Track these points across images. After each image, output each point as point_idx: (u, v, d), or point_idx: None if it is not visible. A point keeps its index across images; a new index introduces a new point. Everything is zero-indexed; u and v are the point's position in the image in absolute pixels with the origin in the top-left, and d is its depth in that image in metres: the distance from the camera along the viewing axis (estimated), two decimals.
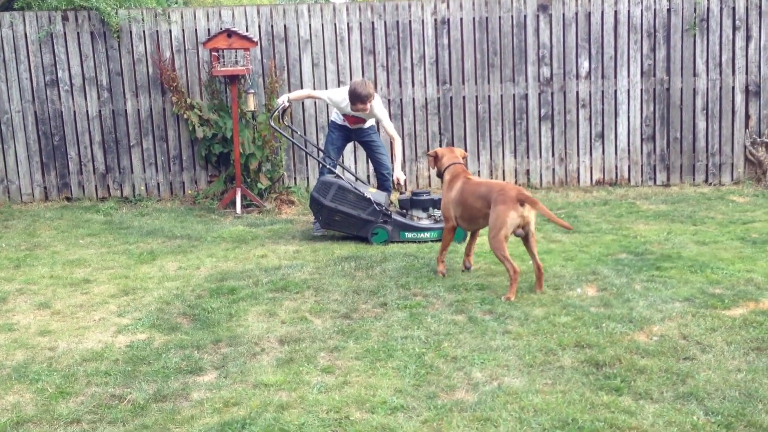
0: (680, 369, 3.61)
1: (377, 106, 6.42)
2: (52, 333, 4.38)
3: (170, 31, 8.27)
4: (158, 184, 8.49)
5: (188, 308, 4.71)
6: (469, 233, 5.50)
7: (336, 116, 6.80)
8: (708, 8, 8.31)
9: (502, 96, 8.45)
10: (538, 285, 4.87)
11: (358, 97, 6.18)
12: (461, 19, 8.35)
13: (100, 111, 8.37)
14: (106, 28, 8.21)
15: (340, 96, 6.50)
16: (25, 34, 8.21)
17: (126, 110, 8.37)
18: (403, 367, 3.74)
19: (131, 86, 8.34)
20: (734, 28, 8.35)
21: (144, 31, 8.25)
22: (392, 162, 6.69)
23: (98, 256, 6.12)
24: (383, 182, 6.83)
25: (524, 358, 3.80)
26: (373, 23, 8.34)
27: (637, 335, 4.05)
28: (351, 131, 6.78)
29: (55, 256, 6.15)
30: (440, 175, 5.52)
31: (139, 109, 8.37)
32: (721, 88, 8.42)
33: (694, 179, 8.55)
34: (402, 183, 6.56)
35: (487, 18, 8.35)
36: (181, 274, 5.50)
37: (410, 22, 8.35)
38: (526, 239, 4.90)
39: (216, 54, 7.62)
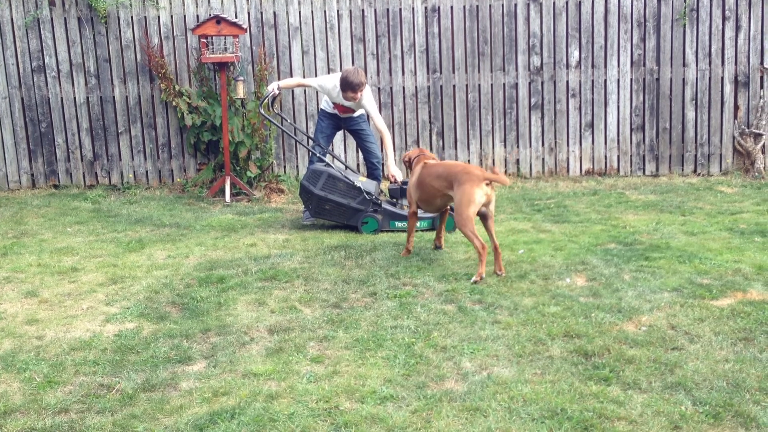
0: (668, 359, 3.63)
1: (367, 97, 6.35)
2: (39, 322, 4.35)
3: (158, 17, 8.18)
4: (147, 171, 8.43)
5: (177, 297, 4.69)
6: (447, 220, 5.70)
7: (326, 104, 6.76)
8: None
9: (492, 85, 8.44)
10: (497, 266, 5.00)
11: (349, 85, 6.13)
12: (451, 7, 8.31)
13: (87, 98, 8.29)
14: (93, 13, 8.12)
15: (330, 83, 6.45)
16: (12, 20, 8.10)
17: (114, 97, 8.29)
18: (392, 357, 3.74)
19: (119, 73, 8.26)
20: (724, 18, 8.36)
21: (132, 17, 8.17)
22: (385, 158, 6.49)
23: (86, 244, 6.07)
24: (373, 171, 6.81)
25: (513, 348, 3.81)
26: (363, 11, 8.29)
27: (626, 325, 4.07)
28: (341, 119, 6.75)
29: (43, 244, 6.10)
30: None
31: (127, 96, 8.30)
32: (710, 79, 8.44)
33: (682, 169, 8.59)
34: (398, 180, 6.30)
35: (477, 6, 8.32)
36: (169, 263, 5.48)
37: (400, 10, 8.31)
38: (485, 219, 5.08)
39: (205, 41, 7.55)
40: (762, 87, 8.43)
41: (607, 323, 4.09)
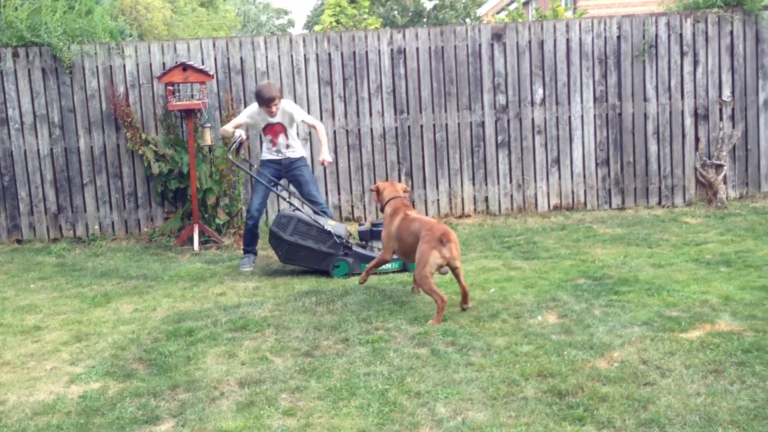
0: (641, 395, 3.62)
1: (288, 104, 6.63)
2: (1, 386, 4.21)
3: (124, 65, 8.17)
4: (113, 222, 8.32)
5: (144, 353, 4.59)
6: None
7: (265, 151, 6.78)
8: (656, 35, 8.54)
9: (459, 124, 8.53)
10: (463, 301, 5.09)
11: (263, 100, 6.41)
12: (417, 48, 8.43)
13: (51, 149, 8.20)
14: (58, 63, 8.09)
15: (255, 107, 6.67)
16: None
17: (79, 147, 8.22)
18: (366, 405, 3.68)
19: (84, 123, 8.20)
20: (682, 54, 8.58)
21: (97, 66, 8.14)
22: (319, 146, 6.72)
23: (50, 300, 5.94)
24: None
25: (488, 391, 3.78)
26: (329, 54, 8.37)
27: (598, 362, 4.06)
28: (281, 166, 6.73)
29: (5, 302, 5.95)
30: (383, 208, 5.73)
31: (92, 146, 8.23)
32: (670, 113, 8.63)
33: (647, 202, 8.71)
34: (329, 164, 6.68)
35: (442, 47, 8.45)
36: (136, 317, 5.37)
37: (367, 52, 8.40)
38: (452, 270, 5.10)
39: (171, 88, 7.54)
40: (721, 119, 8.63)
41: (579, 360, 4.08)
